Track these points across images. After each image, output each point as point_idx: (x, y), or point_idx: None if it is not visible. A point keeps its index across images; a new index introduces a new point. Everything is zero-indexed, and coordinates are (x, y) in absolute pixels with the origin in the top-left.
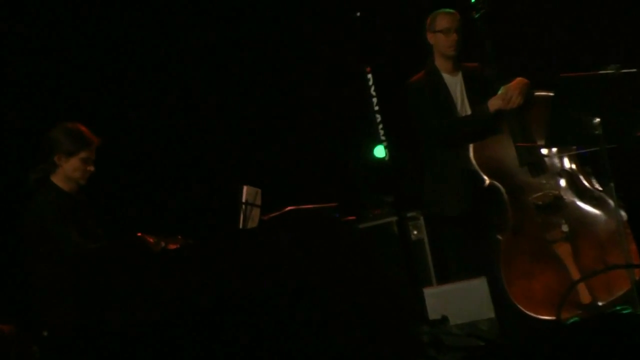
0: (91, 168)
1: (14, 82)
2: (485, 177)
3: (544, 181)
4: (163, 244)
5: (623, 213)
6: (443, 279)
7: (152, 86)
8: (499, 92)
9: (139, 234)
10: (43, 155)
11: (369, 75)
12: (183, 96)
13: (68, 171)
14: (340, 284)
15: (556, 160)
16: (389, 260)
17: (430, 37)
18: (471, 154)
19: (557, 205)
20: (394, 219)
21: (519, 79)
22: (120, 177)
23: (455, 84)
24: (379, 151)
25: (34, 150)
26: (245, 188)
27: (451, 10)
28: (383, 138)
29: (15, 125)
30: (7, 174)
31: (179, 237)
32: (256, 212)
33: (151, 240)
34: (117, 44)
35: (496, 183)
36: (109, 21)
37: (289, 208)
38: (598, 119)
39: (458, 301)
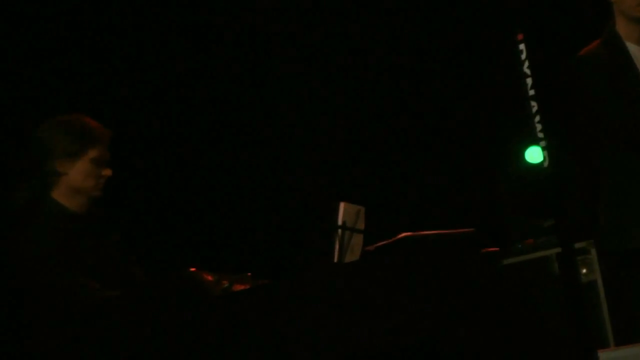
0: (107, 172)
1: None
2: None
3: None
4: (226, 283)
5: None
6: (625, 338)
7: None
8: None
9: (192, 270)
10: (33, 165)
11: (522, 46)
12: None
13: (76, 180)
14: (476, 342)
15: None
16: (546, 310)
17: None
18: None
19: None
20: (553, 252)
21: None
22: (165, 191)
23: None
24: (534, 154)
25: (14, 162)
26: (342, 205)
27: None
28: (541, 135)
29: None
30: None
31: (249, 274)
32: (357, 240)
33: (209, 278)
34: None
35: None
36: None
37: (404, 234)
38: None
39: None
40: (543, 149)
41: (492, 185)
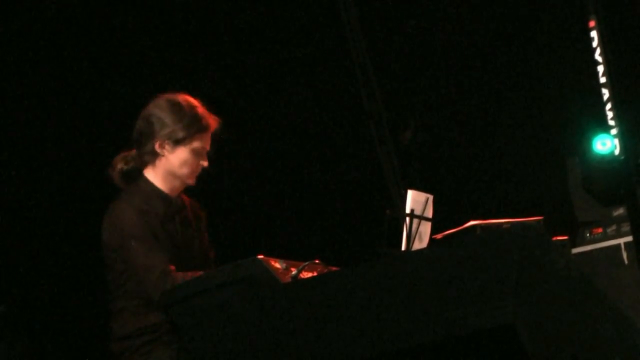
0: (205, 163)
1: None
2: None
3: None
4: (294, 270)
5: None
6: None
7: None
8: None
9: (260, 256)
10: (137, 139)
11: (593, 33)
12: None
13: (172, 165)
14: (544, 332)
15: None
16: (617, 299)
17: None
18: None
19: None
20: (622, 241)
21: None
22: (236, 178)
23: None
24: (605, 143)
25: (118, 131)
26: (410, 193)
27: None
28: (612, 123)
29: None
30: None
31: (317, 260)
32: (425, 228)
33: (277, 265)
34: None
35: None
36: None
37: (472, 222)
38: None
39: None
40: (615, 137)
41: (561, 173)
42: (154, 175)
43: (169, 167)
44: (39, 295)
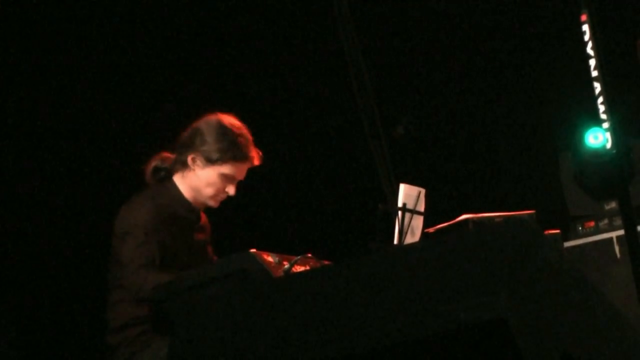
0: (231, 191)
1: None
2: None
3: None
4: (286, 264)
5: None
6: None
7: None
8: None
9: (253, 250)
10: (179, 146)
11: (585, 27)
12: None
13: (199, 181)
14: (536, 326)
15: None
16: (610, 293)
17: None
18: None
19: None
20: (614, 234)
21: None
22: None
23: None
24: (597, 137)
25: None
26: (403, 187)
27: None
28: (604, 117)
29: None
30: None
31: (309, 254)
32: (418, 222)
33: (270, 259)
34: None
35: None
36: None
37: (465, 216)
38: None
39: None
40: (606, 130)
41: (553, 167)
42: (181, 184)
43: (196, 182)
44: (33, 296)
